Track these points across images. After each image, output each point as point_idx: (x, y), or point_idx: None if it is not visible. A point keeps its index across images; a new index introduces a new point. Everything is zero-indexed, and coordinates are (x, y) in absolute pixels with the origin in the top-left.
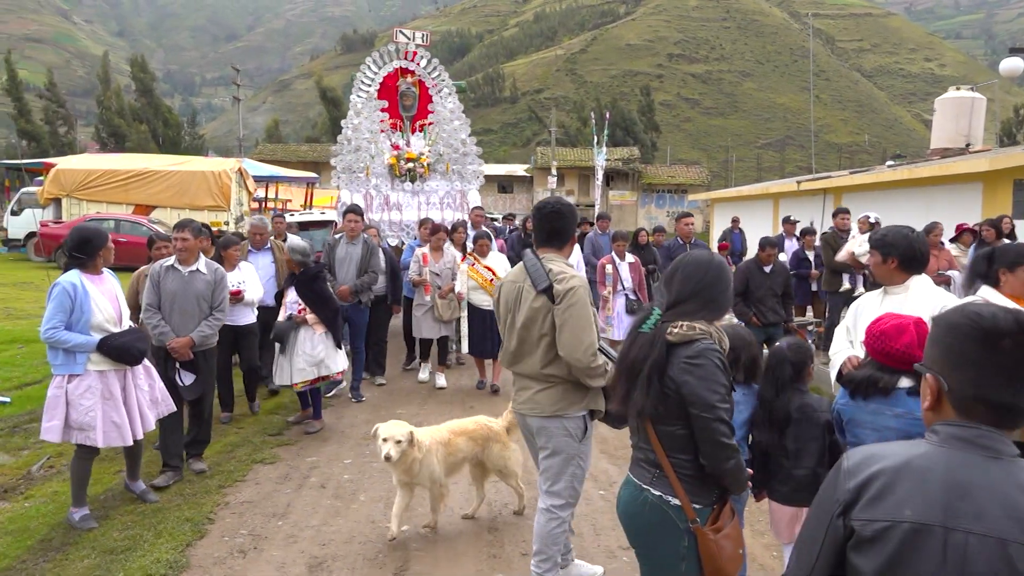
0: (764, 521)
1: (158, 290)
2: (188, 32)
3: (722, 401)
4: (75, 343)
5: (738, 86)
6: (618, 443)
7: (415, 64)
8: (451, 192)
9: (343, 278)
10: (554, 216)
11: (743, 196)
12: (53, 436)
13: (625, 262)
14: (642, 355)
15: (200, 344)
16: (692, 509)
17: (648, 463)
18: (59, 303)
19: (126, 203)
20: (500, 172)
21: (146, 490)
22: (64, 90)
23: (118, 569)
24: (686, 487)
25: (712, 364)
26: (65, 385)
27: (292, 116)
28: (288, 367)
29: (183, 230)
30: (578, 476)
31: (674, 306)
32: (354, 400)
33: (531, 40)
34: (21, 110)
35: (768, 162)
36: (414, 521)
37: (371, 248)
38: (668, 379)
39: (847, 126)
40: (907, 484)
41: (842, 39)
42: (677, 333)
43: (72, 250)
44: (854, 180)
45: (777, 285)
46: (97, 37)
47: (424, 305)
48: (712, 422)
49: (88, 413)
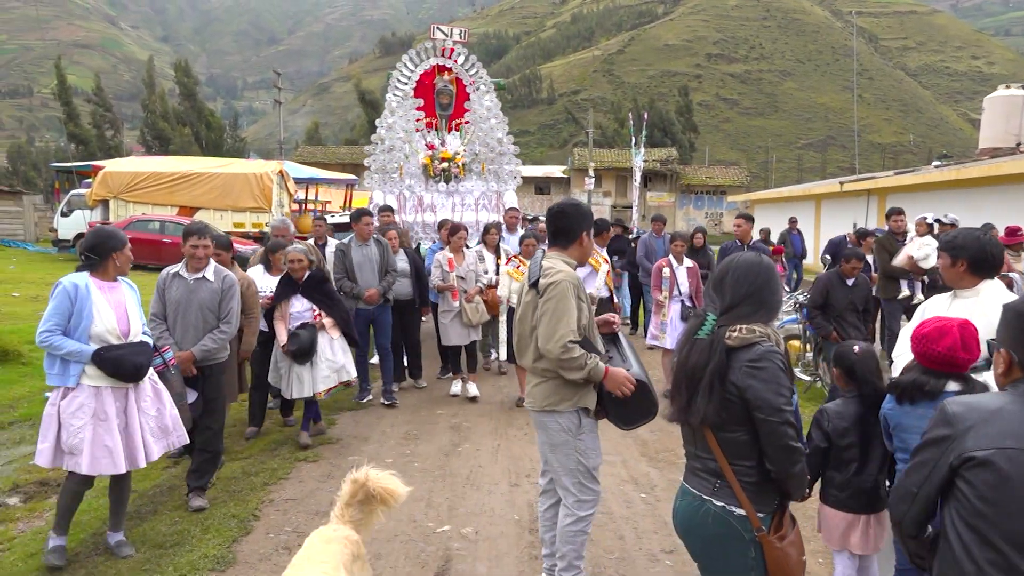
0: (810, 527)
1: (163, 299)
2: (230, 36)
3: (787, 404)
4: (69, 350)
5: (778, 86)
6: (659, 446)
7: (452, 61)
8: (487, 193)
9: (365, 281)
10: (559, 216)
11: (784, 197)
12: (44, 460)
13: (683, 266)
14: (702, 361)
15: (203, 359)
16: (757, 518)
17: (708, 472)
18: (57, 305)
19: (171, 205)
20: (537, 174)
21: (123, 542)
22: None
23: (167, 564)
24: (749, 495)
25: (775, 366)
26: (58, 401)
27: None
28: (309, 376)
29: (203, 236)
30: (581, 471)
31: (729, 310)
32: (385, 403)
33: (568, 41)
34: (70, 114)
35: (809, 163)
36: (455, 521)
37: (385, 247)
38: (730, 384)
39: (891, 126)
40: (1003, 422)
41: (886, 37)
42: (737, 337)
43: (85, 250)
44: (899, 181)
45: (859, 300)
46: (143, 42)
47: (451, 311)
48: (779, 425)
49: (78, 434)
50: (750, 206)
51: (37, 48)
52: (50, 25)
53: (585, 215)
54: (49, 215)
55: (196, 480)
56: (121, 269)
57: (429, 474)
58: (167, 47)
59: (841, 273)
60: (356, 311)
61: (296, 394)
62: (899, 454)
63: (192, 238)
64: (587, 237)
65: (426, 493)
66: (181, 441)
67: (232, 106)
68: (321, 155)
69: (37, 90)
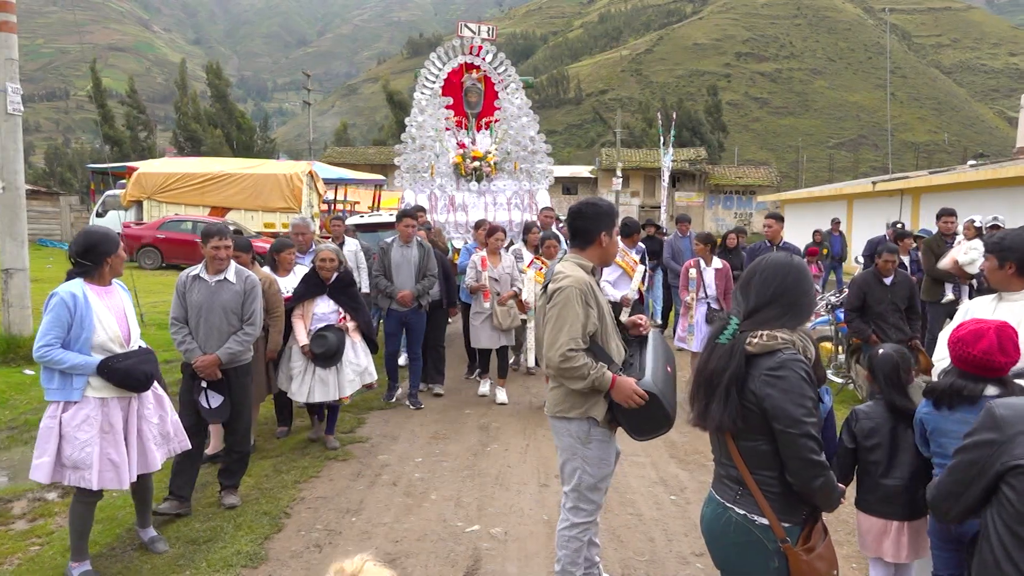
0: (843, 531)
1: (184, 302)
2: (261, 39)
3: (808, 415)
4: (72, 364)
5: (809, 84)
6: (688, 448)
7: (480, 59)
8: (519, 192)
9: (401, 282)
10: (576, 216)
11: (815, 197)
12: (42, 475)
13: (711, 267)
14: (720, 367)
15: (228, 362)
16: (781, 528)
17: (731, 480)
18: (56, 317)
19: (203, 205)
20: (565, 174)
21: (156, 538)
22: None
23: (201, 559)
24: (774, 505)
25: (796, 376)
26: (59, 414)
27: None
28: (335, 380)
29: (223, 237)
30: (586, 482)
31: (753, 314)
32: (412, 407)
33: (596, 41)
34: (105, 116)
35: (840, 162)
36: (484, 521)
37: (427, 251)
38: (749, 392)
39: (925, 124)
40: None
41: (919, 34)
42: (757, 343)
43: (77, 256)
44: (933, 180)
45: (900, 298)
46: (175, 45)
47: (482, 313)
48: (798, 438)
49: (84, 448)
50: (780, 206)
51: (73, 52)
52: (86, 29)
53: (603, 215)
54: (85, 215)
55: (228, 479)
56: (115, 272)
57: (458, 474)
58: (199, 49)
59: (877, 271)
60: (389, 310)
61: (319, 397)
62: (936, 459)
63: (213, 239)
64: (606, 237)
65: (455, 493)
66: (183, 447)
67: (262, 107)
68: (349, 156)
69: (73, 93)
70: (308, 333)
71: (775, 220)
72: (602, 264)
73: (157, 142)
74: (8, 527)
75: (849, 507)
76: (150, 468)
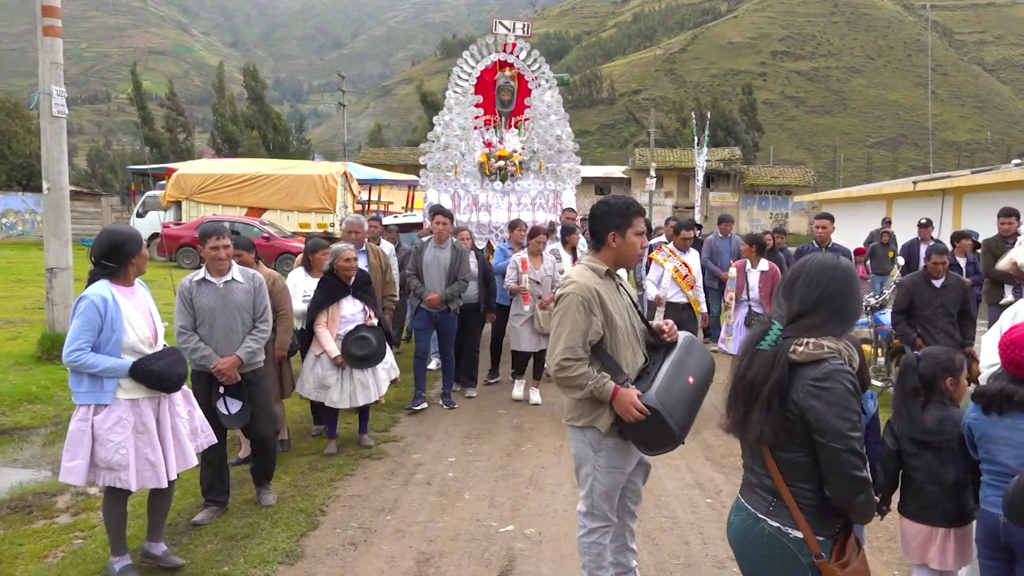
0: (884, 537)
1: (191, 309)
2: (296, 41)
3: (853, 429)
4: (104, 367)
5: (847, 83)
6: (724, 451)
7: (515, 56)
8: (544, 192)
9: (430, 284)
10: (590, 217)
11: (853, 197)
12: (76, 478)
13: (757, 269)
14: (762, 375)
15: (247, 363)
16: (816, 543)
17: (764, 490)
18: (86, 320)
19: (239, 206)
20: (597, 174)
21: (167, 552)
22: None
23: (239, 555)
24: (808, 518)
25: (843, 388)
26: (91, 417)
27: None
28: (373, 380)
29: (221, 237)
30: (598, 490)
31: (797, 319)
32: (445, 407)
33: (629, 40)
34: (145, 118)
35: (879, 162)
36: (518, 521)
37: (460, 253)
38: (791, 402)
39: (967, 123)
40: None
41: (961, 31)
42: (803, 352)
43: (101, 257)
44: (976, 180)
45: (951, 302)
46: (213, 48)
47: (522, 315)
48: (842, 453)
49: (119, 450)
50: (817, 206)
51: (115, 55)
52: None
53: (615, 212)
54: (126, 216)
55: (262, 479)
56: (140, 271)
57: (492, 473)
58: (236, 52)
59: (927, 273)
60: (418, 309)
61: (362, 401)
62: (985, 465)
63: (211, 239)
64: (617, 238)
65: (489, 492)
66: (209, 441)
67: (298, 109)
68: (384, 156)
69: (115, 96)
70: (336, 339)
71: (828, 220)
72: (618, 266)
73: (195, 144)
74: (52, 520)
75: (890, 511)
76: (189, 464)
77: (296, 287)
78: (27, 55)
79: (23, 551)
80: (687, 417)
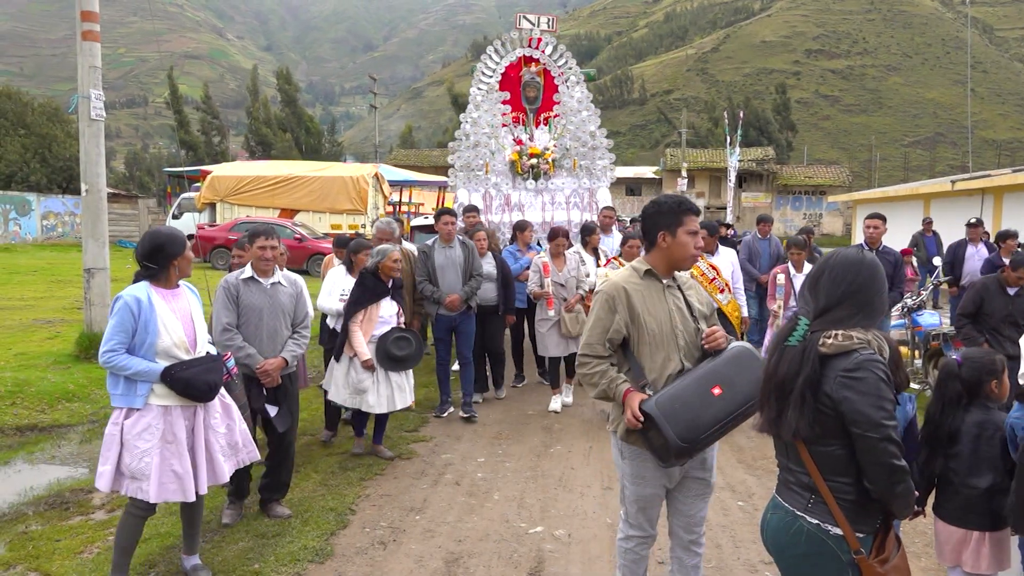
0: (921, 543)
1: (235, 307)
2: (329, 44)
3: (888, 418)
4: (136, 370)
5: (883, 81)
6: (756, 453)
7: (540, 52)
8: (578, 191)
9: (448, 286)
10: (641, 218)
11: (889, 197)
12: (103, 484)
13: (802, 274)
14: (793, 371)
15: (290, 366)
16: (856, 539)
17: (801, 487)
18: (120, 321)
19: (272, 207)
20: (628, 174)
21: (200, 566)
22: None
23: (269, 553)
24: (847, 513)
25: (875, 377)
26: (121, 421)
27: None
28: (407, 382)
29: (270, 237)
30: (628, 498)
31: (824, 313)
32: (464, 416)
33: (661, 40)
34: (181, 122)
35: (916, 161)
36: (547, 523)
37: (471, 250)
38: (823, 395)
39: (1007, 121)
40: None
41: (1001, 27)
42: (832, 344)
43: (143, 258)
44: (1017, 179)
45: (1020, 313)
46: (247, 52)
47: (548, 320)
48: (879, 442)
49: (143, 458)
50: (852, 206)
51: (152, 60)
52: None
53: (665, 211)
54: (162, 217)
55: (277, 491)
56: (183, 273)
57: (521, 474)
58: (270, 56)
59: (1001, 280)
60: (437, 316)
61: (400, 405)
62: None
63: (259, 239)
64: (668, 238)
65: (518, 493)
66: (252, 457)
67: (330, 111)
68: (415, 158)
69: (152, 99)
70: (369, 343)
71: (880, 220)
72: (670, 267)
73: (230, 146)
74: (88, 517)
75: (926, 518)
76: (219, 480)
77: (336, 284)
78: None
79: (60, 547)
80: (695, 429)
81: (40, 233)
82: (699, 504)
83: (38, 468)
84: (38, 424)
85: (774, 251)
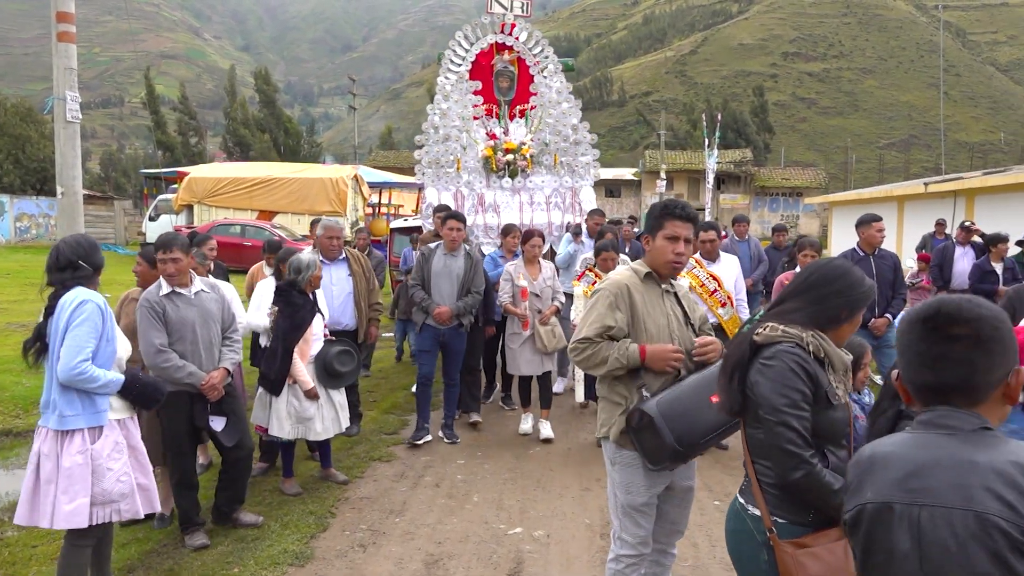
0: None
1: (164, 324)
2: (307, 45)
3: (790, 406)
4: (104, 382)
5: (858, 84)
6: (733, 452)
7: (513, 38)
8: (559, 190)
9: (439, 296)
10: None
11: (864, 199)
12: (80, 520)
13: None
14: (730, 353)
15: (231, 375)
16: (769, 519)
17: (745, 471)
18: (93, 327)
19: (251, 209)
20: (608, 176)
21: None
22: (195, 103)
23: (249, 557)
24: (769, 497)
25: (784, 365)
26: (90, 446)
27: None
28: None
29: (171, 249)
30: (618, 508)
31: (775, 306)
32: (447, 441)
33: (640, 43)
34: (158, 122)
35: (891, 163)
36: (526, 524)
37: (475, 263)
38: (749, 381)
39: (979, 124)
40: (874, 471)
41: (974, 32)
42: (763, 334)
43: (83, 260)
44: (988, 182)
45: None
46: (224, 52)
47: (520, 335)
48: (775, 426)
49: (120, 478)
50: (828, 208)
51: (127, 59)
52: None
53: (652, 215)
54: (138, 219)
55: (237, 502)
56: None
57: (500, 476)
58: (247, 56)
59: None
60: (423, 325)
61: (345, 424)
62: None
63: (158, 254)
64: (651, 241)
65: (497, 495)
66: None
67: (309, 112)
68: (394, 159)
69: (128, 100)
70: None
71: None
72: (657, 270)
73: (207, 147)
74: None
75: None
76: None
77: (266, 299)
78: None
79: (36, 552)
80: (693, 434)
81: (13, 235)
82: (685, 512)
83: (12, 473)
84: (12, 429)
85: (754, 252)
